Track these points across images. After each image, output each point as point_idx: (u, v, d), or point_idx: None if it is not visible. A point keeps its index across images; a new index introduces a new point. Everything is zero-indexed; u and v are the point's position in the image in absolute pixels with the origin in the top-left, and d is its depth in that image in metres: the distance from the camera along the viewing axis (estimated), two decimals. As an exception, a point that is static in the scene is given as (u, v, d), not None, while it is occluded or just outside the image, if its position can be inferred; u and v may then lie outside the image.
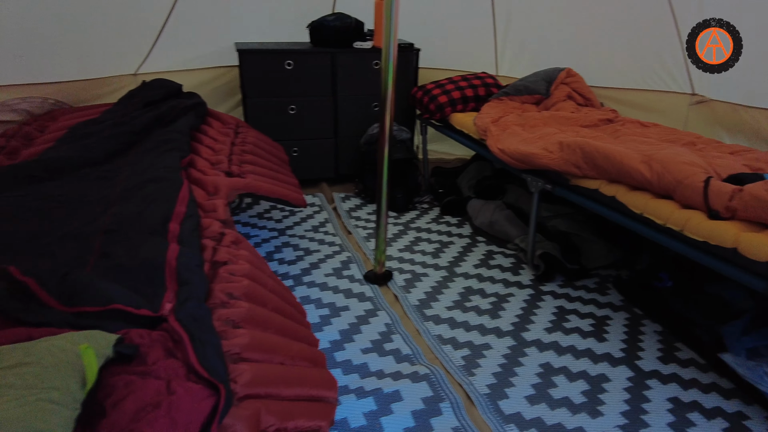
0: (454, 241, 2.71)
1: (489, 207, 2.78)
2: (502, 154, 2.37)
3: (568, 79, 3.02)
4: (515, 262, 2.50)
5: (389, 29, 1.92)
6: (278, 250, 2.54)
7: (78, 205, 1.62)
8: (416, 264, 2.46)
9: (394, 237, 2.74)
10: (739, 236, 1.51)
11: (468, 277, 2.35)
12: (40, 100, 2.63)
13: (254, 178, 2.17)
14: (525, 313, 2.09)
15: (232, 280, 1.33)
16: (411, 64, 3.36)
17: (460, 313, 2.08)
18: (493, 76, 3.27)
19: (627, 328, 2.01)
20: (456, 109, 3.06)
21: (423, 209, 3.12)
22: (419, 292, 2.21)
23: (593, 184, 2.01)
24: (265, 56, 3.03)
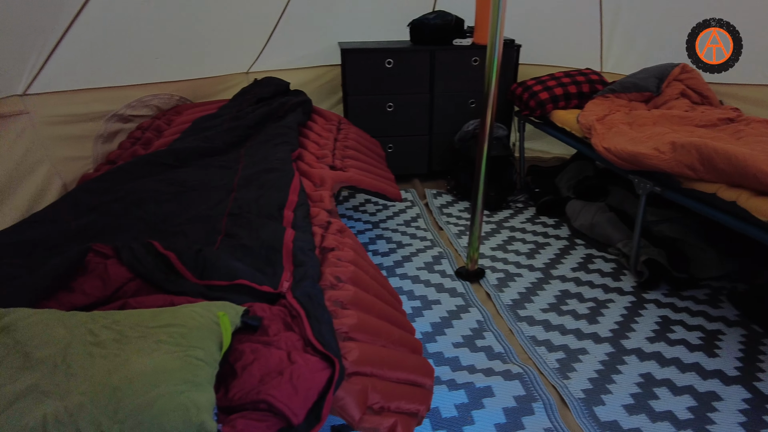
0: (550, 242, 2.64)
1: (590, 209, 2.68)
2: (608, 153, 2.27)
3: (682, 75, 2.81)
4: (616, 268, 2.39)
5: (495, 25, 1.92)
6: (372, 242, 2.63)
7: (205, 190, 1.80)
8: (510, 264, 2.43)
9: (486, 235, 2.73)
10: None
11: (565, 281, 2.29)
12: (168, 96, 2.93)
13: (356, 172, 2.27)
14: (625, 320, 2.00)
15: (339, 264, 1.42)
16: (511, 60, 3.31)
17: (555, 316, 2.04)
18: (598, 73, 3.13)
19: (743, 346, 1.86)
20: (558, 106, 2.97)
21: (517, 208, 3.07)
22: (512, 292, 2.19)
23: (710, 188, 1.87)
24: (366, 55, 3.14)
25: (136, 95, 2.76)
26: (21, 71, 2.18)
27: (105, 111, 2.59)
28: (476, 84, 3.30)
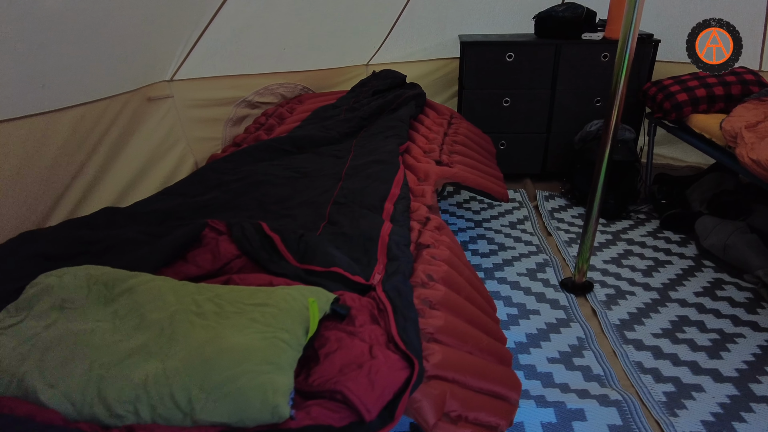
0: (672, 261, 2.38)
1: (726, 227, 2.36)
2: (756, 166, 1.98)
3: None
4: (752, 298, 2.09)
5: (631, 18, 1.75)
6: (473, 241, 2.57)
7: (316, 177, 1.89)
8: (622, 279, 2.24)
9: (600, 246, 2.53)
10: None
11: (685, 305, 2.05)
12: (292, 85, 3.11)
13: (461, 168, 2.23)
14: (758, 360, 1.75)
15: (433, 263, 1.40)
16: (647, 57, 3.01)
17: (668, 343, 1.84)
18: (756, 72, 2.73)
19: None
20: (698, 109, 2.65)
21: (638, 219, 2.81)
22: (622, 311, 2.02)
23: None
24: (486, 48, 3.05)
25: (264, 83, 2.97)
26: (170, 60, 2.45)
27: (236, 97, 2.83)
28: (604, 81, 3.06)
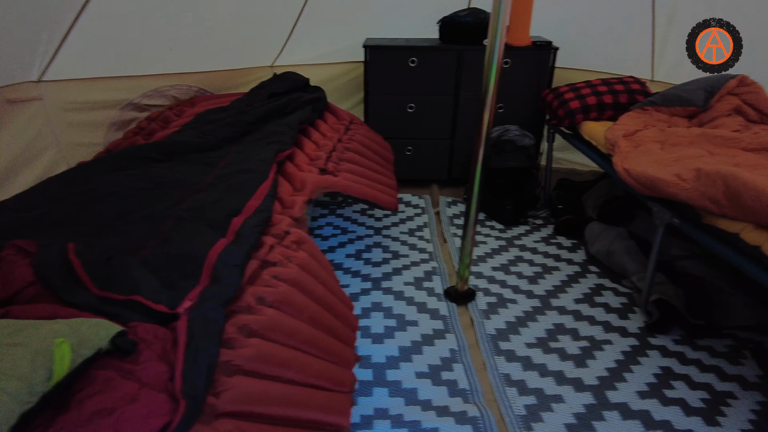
0: (560, 267, 2.41)
1: (609, 234, 2.41)
2: (627, 175, 2.02)
3: (739, 89, 2.44)
4: (626, 304, 2.13)
5: (497, 25, 1.73)
6: (368, 250, 2.51)
7: (173, 188, 1.77)
8: (507, 287, 2.23)
9: (493, 252, 2.53)
10: None
11: (563, 312, 2.07)
12: (186, 87, 2.95)
13: (346, 177, 2.16)
14: (619, 367, 1.77)
15: (271, 284, 1.32)
16: (546, 63, 3.05)
17: (540, 353, 1.84)
18: (642, 82, 2.81)
19: (756, 416, 1.58)
20: (589, 116, 2.70)
21: (535, 225, 2.84)
22: (500, 321, 2.01)
23: (734, 227, 1.59)
24: (389, 52, 3.01)
25: (154, 85, 2.80)
26: (32, 59, 2.25)
27: (121, 100, 2.65)
28: (506, 87, 3.08)
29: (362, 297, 2.13)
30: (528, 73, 3.04)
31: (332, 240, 2.60)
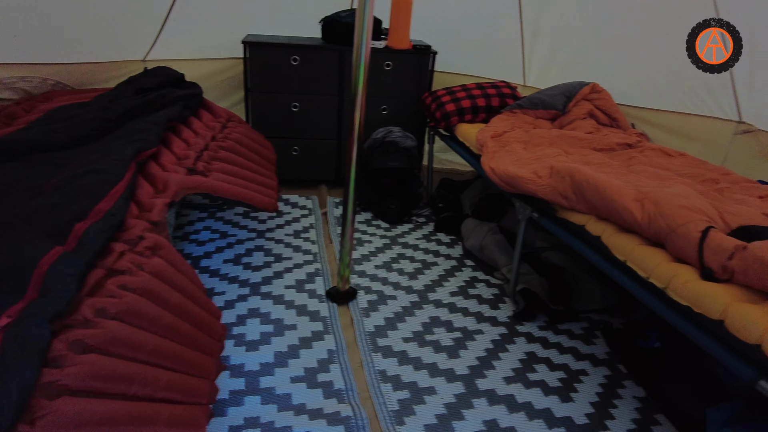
0: (438, 262, 2.49)
1: (482, 229, 2.54)
2: (492, 173, 2.13)
3: (592, 95, 2.71)
4: (497, 294, 2.25)
5: (362, 24, 1.74)
6: (248, 254, 2.42)
7: (4, 192, 1.56)
8: (388, 284, 2.26)
9: (377, 251, 2.56)
10: (729, 306, 1.22)
11: (439, 306, 2.14)
12: (40, 80, 2.65)
13: (217, 177, 2.06)
14: (488, 355, 1.86)
15: (115, 294, 1.21)
16: (426, 67, 3.15)
17: (415, 347, 1.88)
18: (512, 86, 3.00)
19: (602, 389, 1.74)
20: (464, 119, 2.83)
21: (418, 223, 2.92)
22: (379, 318, 2.03)
23: (580, 219, 1.74)
24: (271, 50, 2.93)
25: None
26: None
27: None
28: (389, 89, 3.14)
29: (238, 304, 2.04)
30: (409, 75, 3.12)
31: (209, 245, 2.47)
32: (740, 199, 1.73)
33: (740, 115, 2.56)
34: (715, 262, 1.32)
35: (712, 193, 1.73)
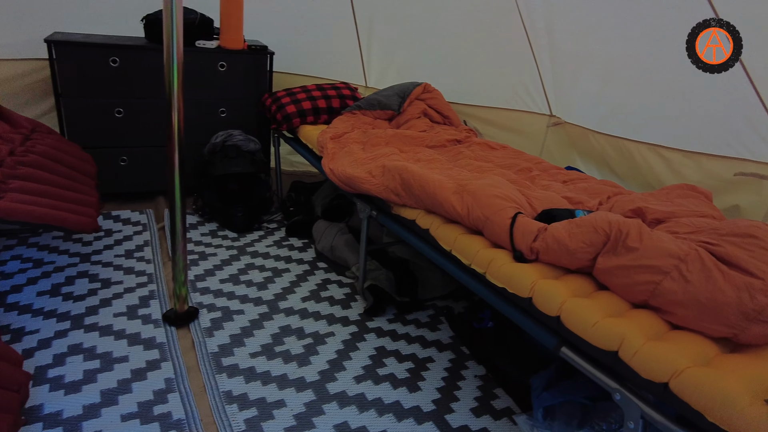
0: (290, 268, 2.43)
1: (332, 230, 2.54)
2: (332, 174, 2.13)
3: (424, 95, 2.85)
4: (349, 293, 2.27)
5: (170, 21, 1.61)
6: (69, 282, 2.13)
7: None
8: (235, 298, 2.15)
9: (223, 264, 2.42)
10: (536, 283, 1.35)
11: (290, 313, 2.09)
12: None
13: (14, 198, 1.76)
14: (339, 357, 1.86)
15: None
16: (264, 68, 3.05)
17: (264, 360, 1.80)
18: (352, 88, 3.05)
19: (447, 373, 1.84)
20: (306, 120, 2.80)
21: (269, 230, 2.83)
22: (224, 335, 1.91)
23: (412, 214, 1.81)
24: (82, 50, 2.61)
25: None
26: None
27: None
28: (227, 91, 2.99)
29: (56, 341, 1.78)
30: (247, 77, 3.01)
31: (18, 277, 2.12)
32: (547, 185, 1.94)
33: (551, 110, 2.90)
34: (523, 244, 1.45)
35: (524, 181, 1.92)
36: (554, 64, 2.65)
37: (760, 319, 1.08)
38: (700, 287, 1.13)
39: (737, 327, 1.10)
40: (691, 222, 1.41)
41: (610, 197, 1.81)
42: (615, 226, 1.31)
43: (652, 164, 2.32)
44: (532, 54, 2.77)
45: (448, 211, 1.65)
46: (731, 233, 1.23)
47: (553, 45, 2.57)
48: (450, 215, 1.66)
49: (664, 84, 2.15)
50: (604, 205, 1.74)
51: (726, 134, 2.00)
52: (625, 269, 1.25)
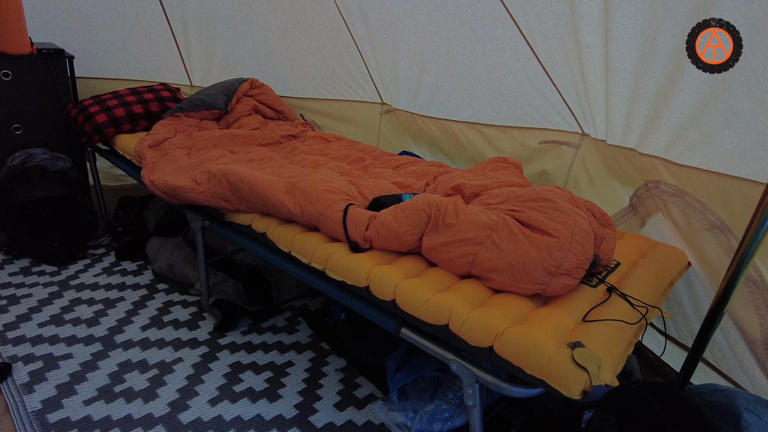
0: (125, 295, 2.20)
1: (168, 246, 2.35)
2: (153, 186, 1.95)
3: (252, 90, 2.75)
4: (196, 312, 2.12)
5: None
6: None
7: None
8: (60, 341, 1.88)
9: (40, 305, 2.09)
10: (371, 271, 1.37)
11: (129, 346, 1.88)
12: None
13: None
14: (190, 382, 1.73)
15: None
16: (64, 74, 2.66)
17: (102, 405, 1.60)
18: (173, 89, 2.82)
19: (308, 373, 1.81)
20: (121, 129, 2.53)
21: (96, 256, 2.52)
22: (48, 387, 1.66)
23: (246, 219, 1.73)
24: None
25: None
26: None
27: None
28: (18, 104, 2.56)
29: None
30: (42, 85, 2.60)
31: None
32: (378, 173, 1.99)
33: (381, 98, 2.99)
34: (357, 234, 1.47)
35: (356, 172, 1.94)
36: (375, 53, 2.72)
37: (559, 272, 1.23)
38: (510, 252, 1.25)
39: (543, 282, 1.23)
40: (501, 192, 1.55)
41: (436, 177, 1.92)
42: (434, 206, 1.38)
43: (472, 140, 2.52)
44: (354, 44, 2.81)
45: (281, 211, 1.61)
46: (530, 198, 1.38)
47: (370, 33, 2.64)
48: (285, 215, 1.62)
49: (474, 67, 2.32)
50: (430, 185, 1.84)
51: (528, 108, 2.23)
52: (446, 245, 1.33)
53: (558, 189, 1.42)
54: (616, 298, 1.33)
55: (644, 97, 1.59)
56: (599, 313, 1.25)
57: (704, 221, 1.53)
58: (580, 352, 1.06)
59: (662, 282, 1.48)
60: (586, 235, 1.28)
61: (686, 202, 1.59)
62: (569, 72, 1.90)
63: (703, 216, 1.53)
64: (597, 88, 1.79)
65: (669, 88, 1.48)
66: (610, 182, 2.01)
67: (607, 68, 1.67)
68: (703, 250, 1.56)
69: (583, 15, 1.58)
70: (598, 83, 1.76)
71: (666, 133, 1.59)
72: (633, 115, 1.69)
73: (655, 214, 1.79)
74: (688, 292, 1.67)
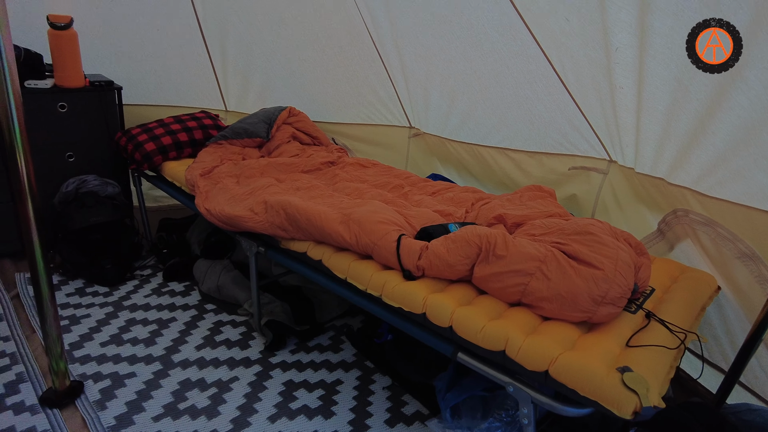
0: (176, 316, 2.32)
1: (216, 268, 2.47)
2: (210, 215, 2.08)
3: (291, 119, 2.89)
4: (245, 332, 2.24)
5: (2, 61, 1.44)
6: None
7: None
8: (123, 360, 2.01)
9: (100, 324, 2.23)
10: (427, 299, 1.49)
11: (187, 365, 2.01)
12: None
13: None
14: (249, 400, 1.84)
15: None
16: (113, 104, 2.82)
17: (170, 422, 1.72)
18: (213, 116, 2.97)
19: (357, 391, 1.93)
20: (168, 157, 2.67)
21: (144, 277, 2.65)
22: (119, 404, 1.78)
23: (302, 247, 1.86)
24: None
25: None
26: None
27: None
28: (72, 133, 2.72)
29: None
30: (93, 115, 2.76)
31: None
32: (419, 200, 2.11)
33: (410, 122, 3.12)
34: (410, 263, 1.58)
35: (398, 200, 2.07)
36: (407, 82, 2.85)
37: (605, 302, 1.34)
38: (559, 283, 1.36)
39: (590, 311, 1.34)
40: (542, 223, 1.66)
41: (473, 204, 2.04)
42: (484, 238, 1.50)
43: (502, 164, 2.64)
44: (387, 74, 2.95)
45: (337, 240, 1.73)
46: (574, 232, 1.49)
47: (404, 65, 2.77)
48: (340, 244, 1.74)
49: (505, 99, 2.44)
50: (469, 212, 1.96)
51: (558, 136, 2.35)
52: (498, 275, 1.45)
53: (598, 222, 1.53)
54: (654, 323, 1.43)
55: (675, 135, 1.71)
56: (640, 339, 1.35)
57: (734, 250, 1.64)
58: (629, 376, 1.17)
59: (696, 306, 1.59)
60: (627, 267, 1.39)
61: (716, 231, 1.69)
62: (600, 107, 2.01)
63: (733, 245, 1.64)
64: (628, 123, 1.91)
65: (701, 130, 1.59)
66: (638, 208, 2.12)
67: (639, 107, 1.78)
68: (733, 276, 1.67)
69: (618, 61, 1.70)
70: (629, 118, 1.88)
71: (696, 168, 1.70)
72: (663, 149, 1.81)
73: (683, 240, 1.90)
74: (718, 315, 1.77)
